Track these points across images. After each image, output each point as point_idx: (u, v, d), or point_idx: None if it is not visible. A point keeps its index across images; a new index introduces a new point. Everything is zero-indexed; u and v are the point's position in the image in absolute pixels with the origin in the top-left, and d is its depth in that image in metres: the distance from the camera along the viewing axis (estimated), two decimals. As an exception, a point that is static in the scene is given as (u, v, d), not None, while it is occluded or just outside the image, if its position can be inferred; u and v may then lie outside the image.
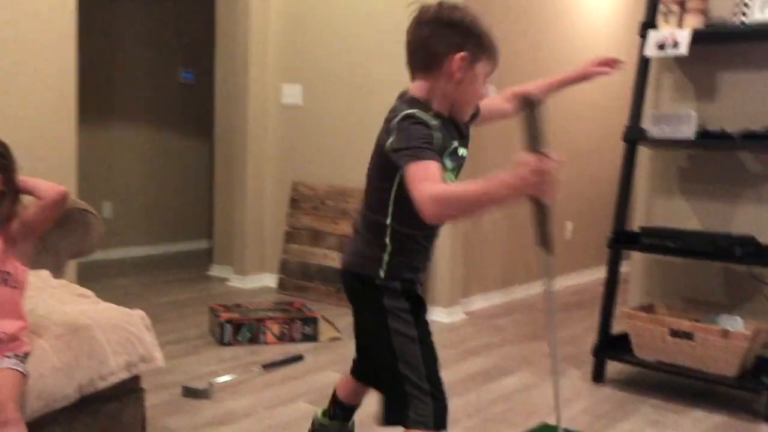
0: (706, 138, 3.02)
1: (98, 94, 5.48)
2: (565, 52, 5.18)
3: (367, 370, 1.87)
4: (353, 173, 4.51)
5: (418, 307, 1.68)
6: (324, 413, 2.16)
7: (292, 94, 4.77)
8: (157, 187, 6.08)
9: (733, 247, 2.84)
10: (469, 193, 1.40)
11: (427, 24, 1.52)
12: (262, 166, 4.89)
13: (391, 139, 1.48)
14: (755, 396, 2.90)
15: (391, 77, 4.35)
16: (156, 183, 6.07)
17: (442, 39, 1.51)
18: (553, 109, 5.19)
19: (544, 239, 1.54)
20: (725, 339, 2.83)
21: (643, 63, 3.19)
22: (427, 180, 1.39)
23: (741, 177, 3.20)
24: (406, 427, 1.62)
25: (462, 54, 1.51)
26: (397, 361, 1.62)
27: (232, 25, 4.87)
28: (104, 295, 2.33)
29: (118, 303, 2.23)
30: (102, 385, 1.99)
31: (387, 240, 1.63)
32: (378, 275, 1.65)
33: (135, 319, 2.15)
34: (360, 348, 1.87)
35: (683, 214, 3.35)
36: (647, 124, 3.15)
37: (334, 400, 2.14)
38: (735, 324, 2.95)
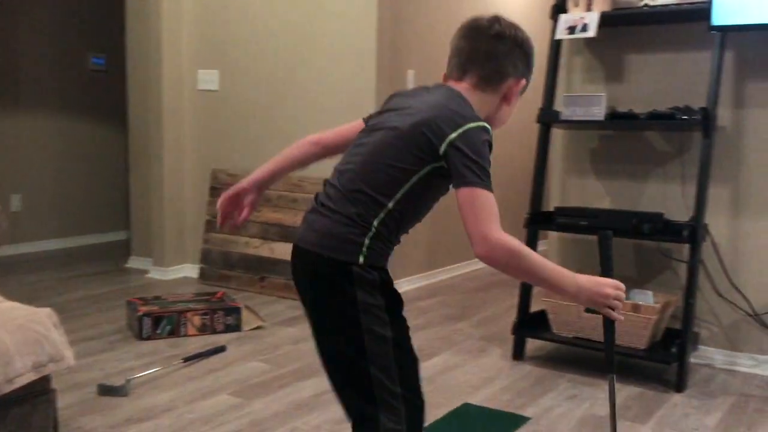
0: (616, 119, 3.12)
1: (1, 84, 5.21)
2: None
3: (329, 374, 1.54)
4: (273, 160, 4.45)
5: (395, 303, 1.48)
6: None
7: (208, 79, 4.66)
8: (69, 177, 5.84)
9: (642, 224, 2.95)
10: (540, 270, 1.43)
11: (504, 42, 1.51)
12: (180, 154, 4.77)
13: (454, 136, 1.38)
14: (665, 366, 3.03)
15: (309, 62, 4.30)
16: (68, 173, 5.84)
17: (514, 61, 1.53)
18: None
19: (610, 358, 1.61)
20: (636, 313, 2.94)
21: (555, 46, 3.26)
22: (496, 219, 1.38)
23: (649, 156, 3.31)
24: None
25: (523, 81, 1.56)
26: (367, 363, 1.42)
27: (143, 6, 4.70)
28: (15, 292, 2.23)
29: (30, 300, 2.14)
30: (8, 388, 1.90)
31: (375, 222, 1.44)
32: (356, 261, 1.42)
33: (41, 317, 2.06)
34: (320, 348, 1.55)
35: (596, 194, 3.45)
36: (560, 106, 3.22)
37: None
38: (646, 298, 3.06)
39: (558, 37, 3.21)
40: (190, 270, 4.81)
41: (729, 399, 2.82)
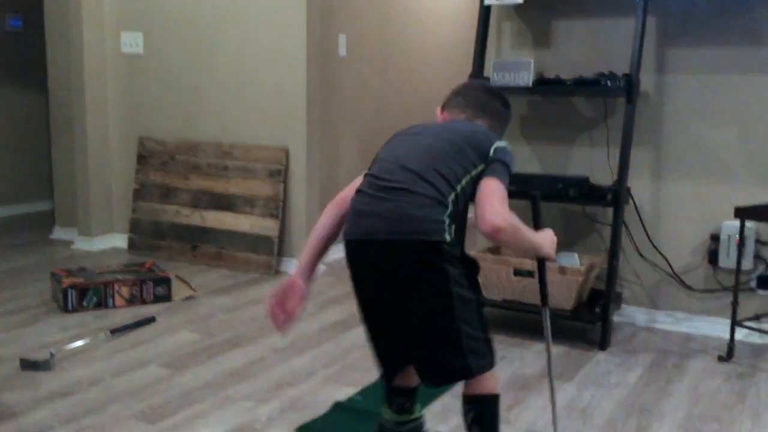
0: (543, 85, 3.16)
1: None
2: (411, 5, 5.22)
3: (405, 347, 1.70)
4: (204, 127, 4.35)
5: (473, 270, 1.71)
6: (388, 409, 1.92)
7: (132, 42, 4.49)
8: (-13, 145, 5.59)
9: (568, 189, 3.01)
10: (526, 236, 1.69)
11: (502, 101, 1.93)
12: (104, 121, 4.60)
13: (498, 147, 1.73)
14: (590, 326, 3.13)
15: (237, 24, 4.20)
16: (-14, 141, 5.58)
17: (507, 117, 1.96)
18: (398, 59, 5.25)
19: (544, 293, 1.97)
20: (562, 275, 3.02)
21: (484, 12, 3.27)
22: (506, 203, 1.64)
23: (576, 122, 3.37)
24: (470, 377, 1.65)
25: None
26: (456, 323, 1.61)
27: (60, -34, 4.48)
28: None
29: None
30: None
31: (449, 200, 1.62)
32: (445, 240, 1.58)
33: (-46, 292, 1.97)
34: (398, 324, 1.68)
35: (526, 159, 3.50)
36: (490, 71, 3.23)
37: (387, 387, 1.90)
38: (572, 260, 3.15)
39: (487, 2, 3.22)
40: (119, 240, 4.69)
41: (649, 356, 2.94)
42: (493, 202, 1.61)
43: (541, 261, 1.89)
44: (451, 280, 1.59)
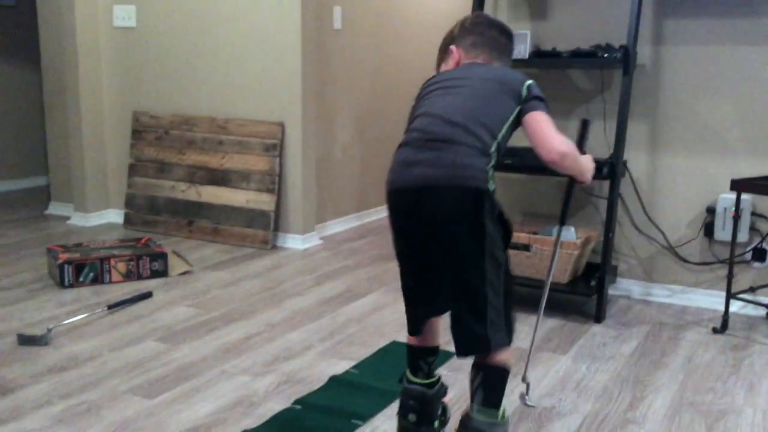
0: (539, 57, 3.13)
1: None
2: (410, -28, 5.15)
3: (443, 297, 1.69)
4: (198, 101, 4.32)
5: (508, 233, 1.71)
6: (412, 373, 1.89)
7: (124, 15, 4.44)
8: (-20, 121, 5.55)
9: (565, 162, 3.00)
10: (581, 159, 1.77)
11: (508, 35, 1.94)
12: (98, 96, 4.57)
13: (529, 84, 1.76)
14: (586, 299, 3.14)
15: (231, -2, 4.14)
16: (-21, 117, 5.54)
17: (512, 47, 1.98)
18: (394, 31, 5.21)
19: (565, 212, 2.09)
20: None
21: (481, -17, 3.22)
22: (559, 133, 1.70)
23: (573, 94, 3.35)
24: (489, 350, 1.65)
25: None
26: (485, 285, 1.61)
27: (50, -62, 4.42)
28: None
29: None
30: None
31: (492, 151, 1.66)
32: (489, 188, 1.62)
33: (-52, 268, 1.97)
34: (437, 277, 1.69)
35: (521, 132, 3.47)
36: (486, 44, 3.20)
37: (413, 352, 1.89)
38: (568, 234, 3.14)
39: (483, -27, 3.18)
40: (115, 215, 4.68)
41: (644, 328, 2.95)
42: (552, 131, 1.69)
43: (572, 183, 1.96)
44: (487, 236, 1.60)
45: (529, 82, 1.78)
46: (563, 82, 3.36)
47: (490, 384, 1.67)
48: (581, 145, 1.94)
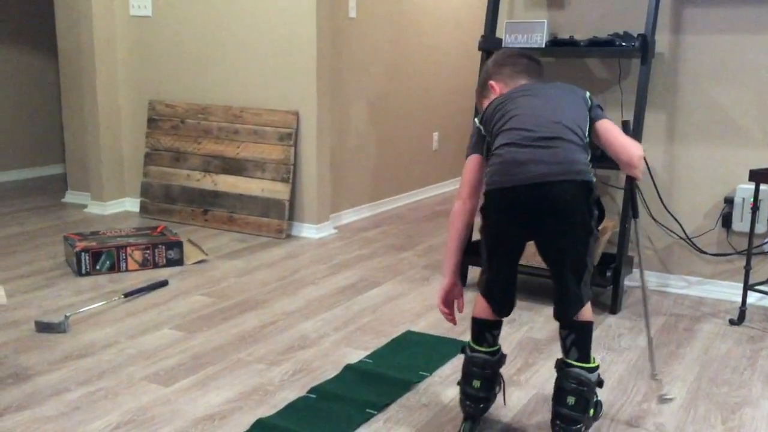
0: (557, 46, 3.10)
1: None
2: (426, -40, 5.12)
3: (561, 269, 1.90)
4: (214, 90, 4.33)
5: (602, 213, 1.91)
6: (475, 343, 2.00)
7: (140, 4, 4.45)
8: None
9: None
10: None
11: (537, 61, 2.13)
12: (114, 84, 4.59)
13: (594, 103, 1.95)
14: (602, 290, 3.12)
15: (247, -14, 4.13)
16: (-3, 105, 5.58)
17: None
18: (409, 20, 5.19)
19: (634, 206, 2.26)
20: (574, 239, 3.00)
21: (497, -29, 3.20)
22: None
23: (590, 83, 3.32)
24: (581, 308, 1.88)
25: None
26: (587, 257, 1.85)
27: (67, -73, 4.43)
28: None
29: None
30: (-66, 329, 1.85)
31: (587, 146, 1.87)
32: (593, 180, 1.83)
33: (-33, 256, 1.99)
34: (556, 254, 1.88)
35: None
36: (502, 33, 3.18)
37: (483, 325, 1.98)
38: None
39: (500, -39, 3.15)
40: (131, 204, 4.71)
41: (660, 319, 2.94)
42: (625, 137, 1.92)
43: (633, 180, 2.09)
44: (593, 218, 1.83)
45: (587, 93, 1.97)
46: (580, 71, 3.33)
47: (582, 338, 1.89)
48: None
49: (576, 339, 1.89)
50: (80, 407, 2.12)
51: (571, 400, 1.85)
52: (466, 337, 2.68)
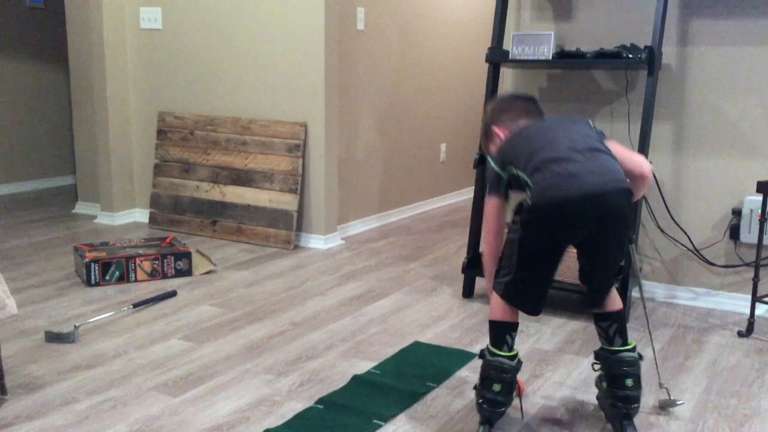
0: (563, 58, 3.12)
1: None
2: (433, -28, 5.15)
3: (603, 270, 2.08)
4: (223, 102, 4.36)
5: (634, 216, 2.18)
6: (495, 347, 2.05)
7: (151, 17, 4.50)
8: (10, 120, 5.65)
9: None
10: None
11: (533, 100, 2.27)
12: (125, 96, 4.63)
13: (594, 125, 2.11)
14: (609, 301, 3.11)
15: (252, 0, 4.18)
16: (9, 116, 5.64)
17: None
18: (417, 32, 5.21)
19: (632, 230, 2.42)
20: (581, 250, 3.00)
21: (504, -17, 3.22)
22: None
23: (597, 95, 3.33)
24: (608, 293, 2.08)
25: None
26: (623, 251, 2.05)
27: (79, -58, 4.48)
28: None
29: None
30: (-54, 338, 1.86)
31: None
32: (631, 188, 1.97)
33: (-21, 267, 2.01)
34: (602, 258, 2.04)
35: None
36: (509, 45, 3.20)
37: (504, 328, 2.06)
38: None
39: (507, -26, 3.18)
40: (140, 215, 4.74)
41: (668, 331, 2.93)
42: (635, 153, 2.09)
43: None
44: (632, 222, 2.02)
45: (588, 120, 2.12)
46: (587, 82, 3.35)
47: (621, 325, 2.07)
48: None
49: (618, 327, 2.07)
50: (89, 417, 2.13)
51: (629, 381, 2.02)
52: (474, 348, 2.70)
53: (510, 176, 2.04)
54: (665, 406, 2.26)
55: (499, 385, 2.00)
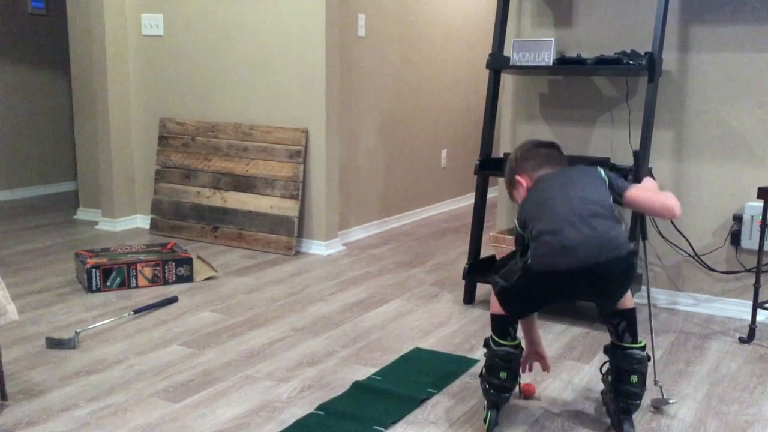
0: (564, 64, 3.12)
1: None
2: (434, -21, 5.17)
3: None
4: (224, 108, 4.37)
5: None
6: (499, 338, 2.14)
7: (152, 24, 4.51)
8: (11, 126, 5.66)
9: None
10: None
11: (556, 147, 2.30)
12: (126, 103, 4.64)
13: (612, 177, 2.14)
14: (610, 307, 3.11)
15: (256, 4, 4.19)
16: (10, 122, 5.65)
17: None
18: (418, 38, 5.23)
19: (643, 231, 2.51)
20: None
21: (505, -10, 3.23)
22: (658, 193, 2.17)
23: (597, 101, 3.34)
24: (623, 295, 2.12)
25: None
26: (629, 288, 2.12)
27: (81, -51, 4.50)
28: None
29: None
30: (-53, 344, 1.87)
31: (618, 217, 2.10)
32: (632, 247, 2.03)
33: (-20, 272, 2.01)
34: (607, 301, 2.12)
35: (546, 139, 3.47)
36: (510, 51, 3.21)
37: (506, 321, 2.14)
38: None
39: (507, -20, 3.19)
40: (141, 221, 4.75)
41: (670, 337, 2.93)
42: (658, 195, 2.13)
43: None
44: (633, 273, 2.05)
45: (601, 168, 2.15)
46: (588, 89, 3.35)
47: (631, 323, 2.11)
48: (637, 176, 2.41)
49: (627, 325, 2.11)
50: (89, 423, 2.13)
51: (634, 378, 2.07)
52: (475, 354, 2.69)
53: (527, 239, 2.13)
54: (658, 405, 2.28)
55: (505, 372, 2.09)
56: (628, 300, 2.13)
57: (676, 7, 3.12)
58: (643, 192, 2.14)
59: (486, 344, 2.15)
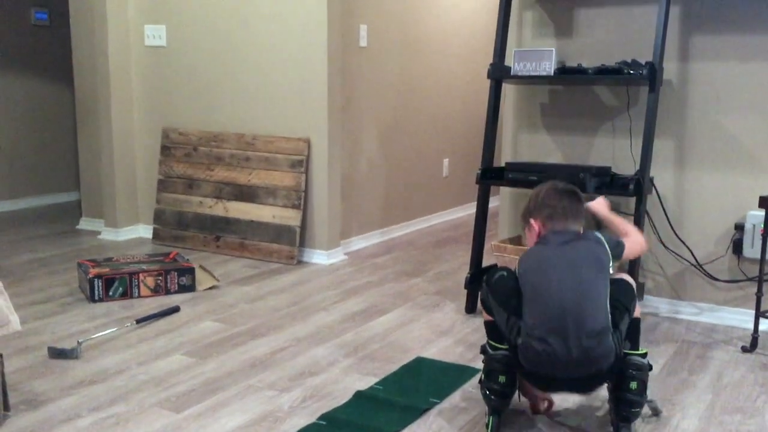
0: (565, 74, 3.13)
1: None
2: (435, -11, 5.19)
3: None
4: (226, 118, 4.38)
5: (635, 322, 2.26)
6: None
7: (155, 34, 4.53)
8: (14, 136, 5.68)
9: (590, 179, 2.99)
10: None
11: (579, 199, 2.28)
12: (129, 113, 4.66)
13: (607, 251, 2.15)
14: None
15: (258, 15, 4.22)
16: (13, 132, 5.67)
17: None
18: (420, 49, 5.24)
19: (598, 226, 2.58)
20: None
21: (506, 1, 3.24)
22: (630, 235, 2.35)
23: (598, 111, 3.35)
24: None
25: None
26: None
27: (84, -40, 4.53)
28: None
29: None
30: (-50, 354, 1.87)
31: (610, 324, 2.07)
32: (619, 354, 2.07)
33: (-16, 283, 2.02)
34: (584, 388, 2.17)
35: (547, 149, 3.48)
36: (511, 61, 3.22)
37: (494, 326, 2.22)
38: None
39: (508, -9, 3.20)
40: (144, 230, 4.75)
41: (672, 346, 2.92)
42: (635, 241, 2.31)
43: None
44: (615, 369, 2.07)
45: (606, 247, 2.15)
46: (589, 98, 3.36)
47: (634, 331, 2.16)
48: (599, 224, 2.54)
49: (630, 333, 2.15)
50: (92, 433, 2.13)
51: (633, 385, 2.07)
52: (477, 363, 2.69)
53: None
54: (653, 407, 2.30)
55: (504, 376, 2.11)
56: (636, 311, 2.17)
57: (677, 16, 3.13)
58: (629, 248, 2.28)
59: (483, 350, 2.18)
